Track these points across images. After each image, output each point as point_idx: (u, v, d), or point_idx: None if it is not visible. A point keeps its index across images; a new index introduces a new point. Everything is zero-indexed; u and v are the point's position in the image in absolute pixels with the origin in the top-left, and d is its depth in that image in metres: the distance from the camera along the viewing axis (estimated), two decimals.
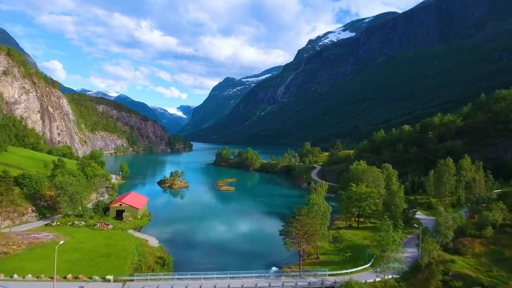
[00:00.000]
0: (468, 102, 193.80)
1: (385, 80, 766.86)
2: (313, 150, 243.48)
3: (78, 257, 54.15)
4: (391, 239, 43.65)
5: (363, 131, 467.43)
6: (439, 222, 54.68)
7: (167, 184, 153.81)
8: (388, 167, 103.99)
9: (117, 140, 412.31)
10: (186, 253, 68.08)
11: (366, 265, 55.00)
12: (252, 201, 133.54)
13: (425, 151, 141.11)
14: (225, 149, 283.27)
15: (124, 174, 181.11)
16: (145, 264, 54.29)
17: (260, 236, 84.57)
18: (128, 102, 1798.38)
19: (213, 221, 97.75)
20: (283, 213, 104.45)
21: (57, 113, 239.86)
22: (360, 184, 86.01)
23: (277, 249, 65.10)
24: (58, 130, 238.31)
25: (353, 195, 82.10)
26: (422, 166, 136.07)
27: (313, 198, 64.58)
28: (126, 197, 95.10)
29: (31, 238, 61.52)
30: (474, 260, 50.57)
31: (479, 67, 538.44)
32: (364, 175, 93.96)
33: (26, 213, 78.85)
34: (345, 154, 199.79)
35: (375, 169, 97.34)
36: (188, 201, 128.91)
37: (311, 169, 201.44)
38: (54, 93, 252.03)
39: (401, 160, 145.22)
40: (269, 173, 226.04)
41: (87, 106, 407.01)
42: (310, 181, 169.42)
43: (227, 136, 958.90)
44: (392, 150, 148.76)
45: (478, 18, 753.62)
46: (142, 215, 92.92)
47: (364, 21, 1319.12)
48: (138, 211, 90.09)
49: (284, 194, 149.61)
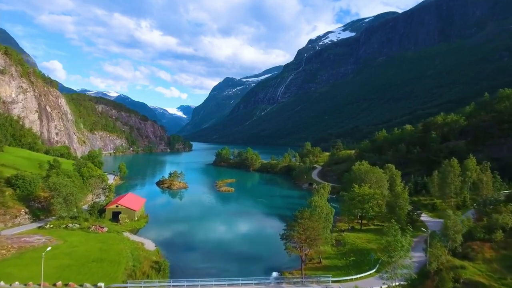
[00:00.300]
0: (469, 102, 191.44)
1: (385, 80, 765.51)
2: (314, 150, 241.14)
3: (70, 263, 51.69)
4: (399, 244, 41.19)
5: (363, 131, 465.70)
6: (447, 226, 52.19)
7: (166, 185, 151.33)
8: (391, 167, 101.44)
9: (117, 140, 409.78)
10: (183, 257, 65.67)
11: (371, 271, 52.56)
12: (252, 202, 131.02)
13: (428, 151, 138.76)
14: (225, 149, 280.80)
15: (123, 174, 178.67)
16: (140, 269, 51.80)
17: (260, 238, 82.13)
18: (128, 102, 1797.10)
19: (212, 223, 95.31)
20: (284, 215, 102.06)
21: (55, 112, 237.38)
22: (363, 185, 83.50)
23: (278, 252, 62.65)
24: (56, 130, 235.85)
25: (356, 197, 79.61)
26: (425, 166, 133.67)
27: (315, 200, 62.13)
28: (123, 198, 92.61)
29: (22, 242, 59.09)
30: (485, 266, 48.12)
31: (479, 67, 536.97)
32: (367, 176, 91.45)
33: (18, 215, 76.40)
34: (346, 154, 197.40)
35: (378, 169, 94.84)
36: (186, 202, 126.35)
37: (311, 170, 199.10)
38: (52, 93, 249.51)
39: (403, 161, 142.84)
40: (269, 174, 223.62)
41: (86, 106, 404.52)
42: (311, 182, 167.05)
43: (227, 136, 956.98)
44: (395, 150, 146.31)
45: (479, 18, 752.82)
46: (139, 216, 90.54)
47: (364, 21, 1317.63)
48: (135, 213, 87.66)
49: (285, 195, 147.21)
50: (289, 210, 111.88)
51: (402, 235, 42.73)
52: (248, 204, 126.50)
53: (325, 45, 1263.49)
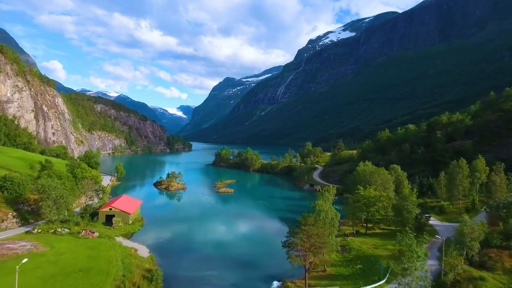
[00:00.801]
0: (469, 102, 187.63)
1: (386, 80, 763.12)
2: (315, 150, 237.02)
3: (54, 272, 47.70)
4: (415, 255, 37.24)
5: (364, 131, 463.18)
6: (463, 232, 48.18)
7: (164, 186, 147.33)
8: (397, 168, 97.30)
9: (115, 140, 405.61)
10: (179, 264, 61.66)
11: (381, 282, 48.62)
12: (252, 203, 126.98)
13: (432, 151, 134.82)
14: (225, 149, 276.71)
15: (120, 175, 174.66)
16: (130, 280, 47.78)
17: (260, 243, 78.11)
18: (128, 102, 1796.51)
19: (210, 226, 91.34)
20: (285, 217, 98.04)
21: (52, 112, 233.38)
22: (368, 187, 79.49)
23: (279, 258, 58.59)
24: (53, 130, 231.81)
25: (361, 199, 75.65)
26: (430, 167, 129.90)
27: (319, 204, 58.08)
28: (117, 200, 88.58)
29: (5, 249, 55.07)
30: (506, 278, 44.23)
31: (480, 67, 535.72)
32: (372, 177, 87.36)
33: (5, 219, 72.36)
34: (348, 155, 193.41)
35: (384, 170, 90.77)
36: (184, 204, 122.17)
37: (312, 170, 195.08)
38: (49, 92, 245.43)
39: (407, 161, 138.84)
40: (269, 174, 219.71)
41: (85, 105, 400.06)
42: (312, 183, 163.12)
43: (227, 136, 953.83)
44: (398, 150, 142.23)
45: (479, 18, 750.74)
46: (134, 220, 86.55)
47: (364, 21, 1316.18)
48: (130, 216, 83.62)
49: (286, 197, 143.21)
50: (290, 212, 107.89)
51: (417, 245, 38.68)
52: (248, 206, 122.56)
53: (325, 45, 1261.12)
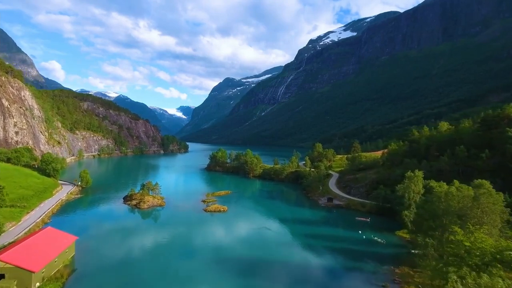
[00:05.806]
0: (480, 101, 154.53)
1: (389, 80, 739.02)
2: (326, 152, 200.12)
3: None
4: None
5: (368, 132, 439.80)
6: None
7: (134, 202, 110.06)
8: (486, 184, 59.25)
9: (102, 140, 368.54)
10: None
11: None
12: (252, 233, 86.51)
13: (501, 156, 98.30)
14: (221, 151, 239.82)
15: (84, 184, 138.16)
16: None
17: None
18: (128, 102, 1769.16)
19: (183, 282, 54.66)
20: (303, 263, 61.39)
21: (15, 107, 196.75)
22: (469, 226, 42.72)
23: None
24: (15, 128, 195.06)
25: (463, 253, 39.05)
26: (498, 176, 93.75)
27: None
28: (19, 245, 51.63)
29: None
30: None
31: (487, 66, 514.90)
32: (471, 209, 49.21)
33: None
34: (371, 159, 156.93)
35: (493, 191, 53.12)
36: (152, 235, 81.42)
37: (326, 177, 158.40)
38: (13, 84, 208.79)
39: (463, 169, 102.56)
40: (272, 181, 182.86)
41: (68, 102, 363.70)
42: (330, 196, 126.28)
43: (227, 137, 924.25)
44: (451, 154, 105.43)
45: (484, 16, 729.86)
46: (48, 279, 49.87)
47: (365, 21, 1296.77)
48: (34, 275, 46.91)
49: (299, 218, 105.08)
50: (311, 250, 71.46)
51: None
52: (246, 240, 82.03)
53: (326, 45, 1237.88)
